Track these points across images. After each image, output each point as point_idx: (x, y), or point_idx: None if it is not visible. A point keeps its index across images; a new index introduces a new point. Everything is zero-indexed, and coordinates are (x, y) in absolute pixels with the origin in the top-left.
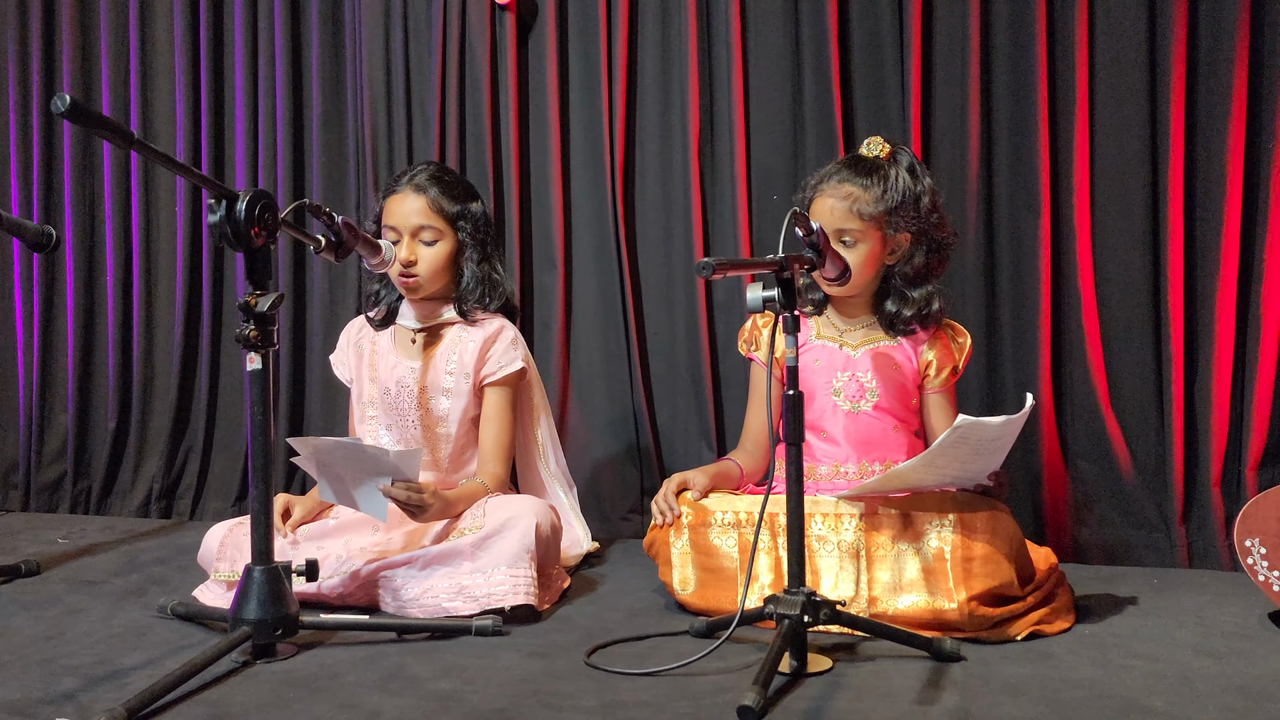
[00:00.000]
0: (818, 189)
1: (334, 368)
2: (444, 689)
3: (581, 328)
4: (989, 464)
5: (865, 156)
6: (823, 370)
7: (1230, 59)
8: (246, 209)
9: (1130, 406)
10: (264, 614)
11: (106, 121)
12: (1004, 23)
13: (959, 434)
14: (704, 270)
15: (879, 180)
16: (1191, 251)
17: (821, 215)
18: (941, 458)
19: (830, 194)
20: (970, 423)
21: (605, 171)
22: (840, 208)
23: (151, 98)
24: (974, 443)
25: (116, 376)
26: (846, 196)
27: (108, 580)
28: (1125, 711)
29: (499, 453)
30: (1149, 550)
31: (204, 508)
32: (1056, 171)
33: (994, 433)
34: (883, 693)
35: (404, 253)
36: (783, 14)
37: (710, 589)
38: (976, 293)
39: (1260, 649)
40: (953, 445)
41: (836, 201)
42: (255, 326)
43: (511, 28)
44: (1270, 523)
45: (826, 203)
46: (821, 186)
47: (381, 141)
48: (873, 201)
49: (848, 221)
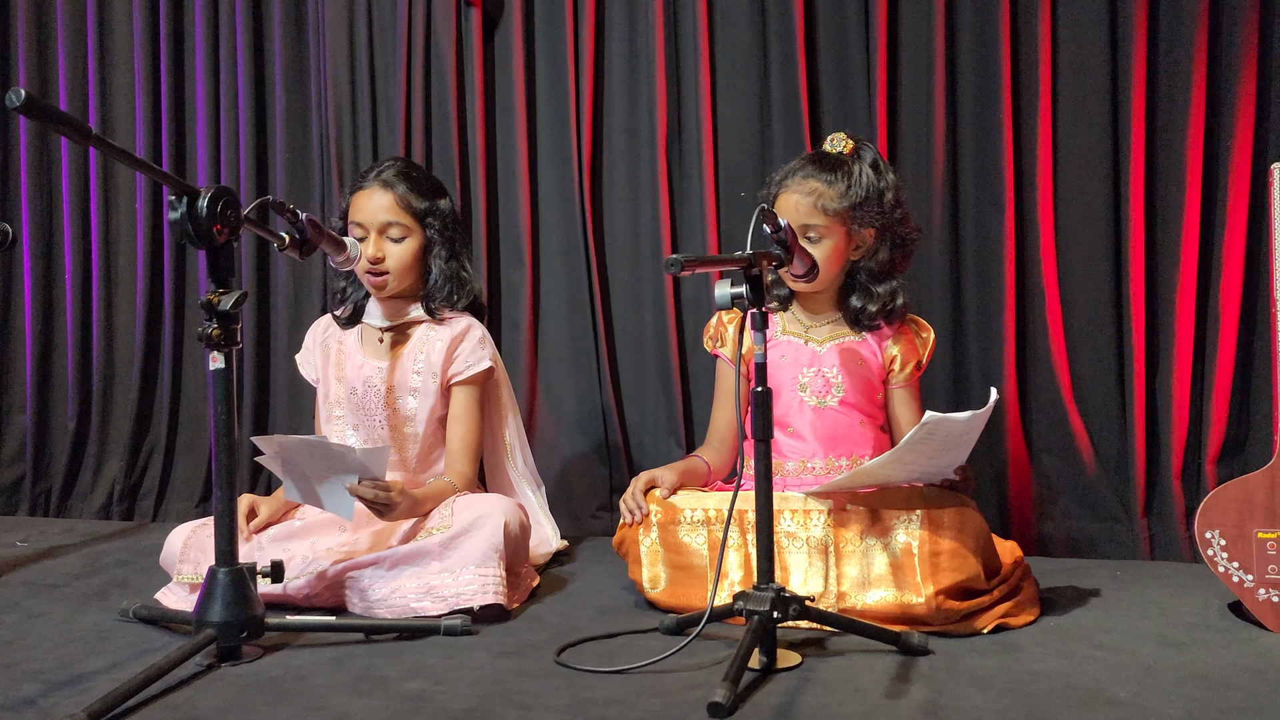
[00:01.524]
0: (782, 185)
1: (300, 367)
2: (413, 689)
3: (550, 325)
4: (955, 459)
5: (829, 153)
6: (789, 366)
7: (1189, 60)
8: (208, 206)
9: (1093, 401)
10: (229, 616)
11: (63, 116)
12: (968, 22)
13: (926, 430)
14: (672, 267)
15: (843, 176)
16: (1152, 248)
17: (787, 211)
18: (909, 454)
19: (795, 190)
20: (937, 419)
21: (573, 169)
22: (805, 204)
23: (110, 92)
24: (941, 438)
25: (76, 376)
26: (811, 192)
27: (68, 583)
28: (1090, 702)
29: (466, 452)
30: (1112, 543)
31: (167, 509)
32: (1020, 169)
33: (960, 428)
34: (852, 687)
35: (371, 250)
36: (749, 11)
37: (680, 586)
38: (942, 289)
39: (1220, 639)
40: (920, 441)
41: (801, 197)
42: (218, 325)
43: (477, 24)
44: (1229, 515)
45: (791, 199)
46: (786, 183)
47: (346, 137)
48: (837, 197)
49: (812, 217)
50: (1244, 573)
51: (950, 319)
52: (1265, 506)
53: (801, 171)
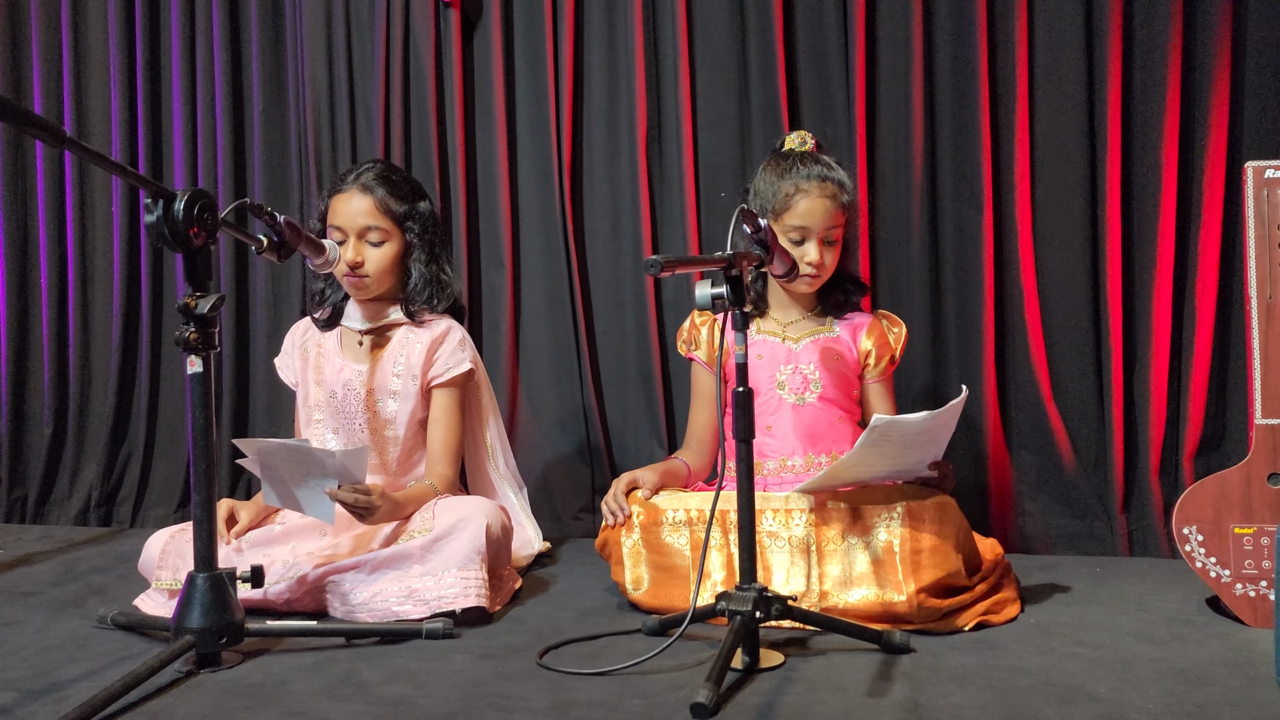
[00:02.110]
0: (797, 188)
1: (279, 371)
2: (394, 694)
3: (530, 327)
4: (925, 455)
5: (807, 152)
6: (765, 365)
7: (1164, 60)
8: (185, 209)
9: (1072, 398)
10: (208, 622)
11: (36, 119)
12: (946, 24)
13: (878, 433)
14: (652, 268)
15: (837, 171)
16: (1129, 247)
17: (814, 215)
18: (870, 454)
19: (816, 193)
20: (887, 422)
21: (553, 169)
22: (832, 206)
23: (85, 95)
24: (898, 439)
25: (52, 381)
26: (833, 195)
27: (45, 591)
28: (1070, 698)
29: (447, 454)
30: (1091, 539)
31: (145, 515)
32: (998, 169)
33: (917, 427)
34: (834, 686)
35: (350, 254)
36: (728, 11)
37: (662, 587)
38: (922, 287)
39: (1198, 634)
40: (874, 445)
41: (828, 201)
42: (196, 329)
43: (456, 24)
44: (1206, 510)
45: (818, 203)
46: (801, 186)
47: (324, 139)
48: (849, 191)
49: (838, 218)
50: (1221, 568)
51: (930, 317)
52: (1241, 502)
53: (808, 172)
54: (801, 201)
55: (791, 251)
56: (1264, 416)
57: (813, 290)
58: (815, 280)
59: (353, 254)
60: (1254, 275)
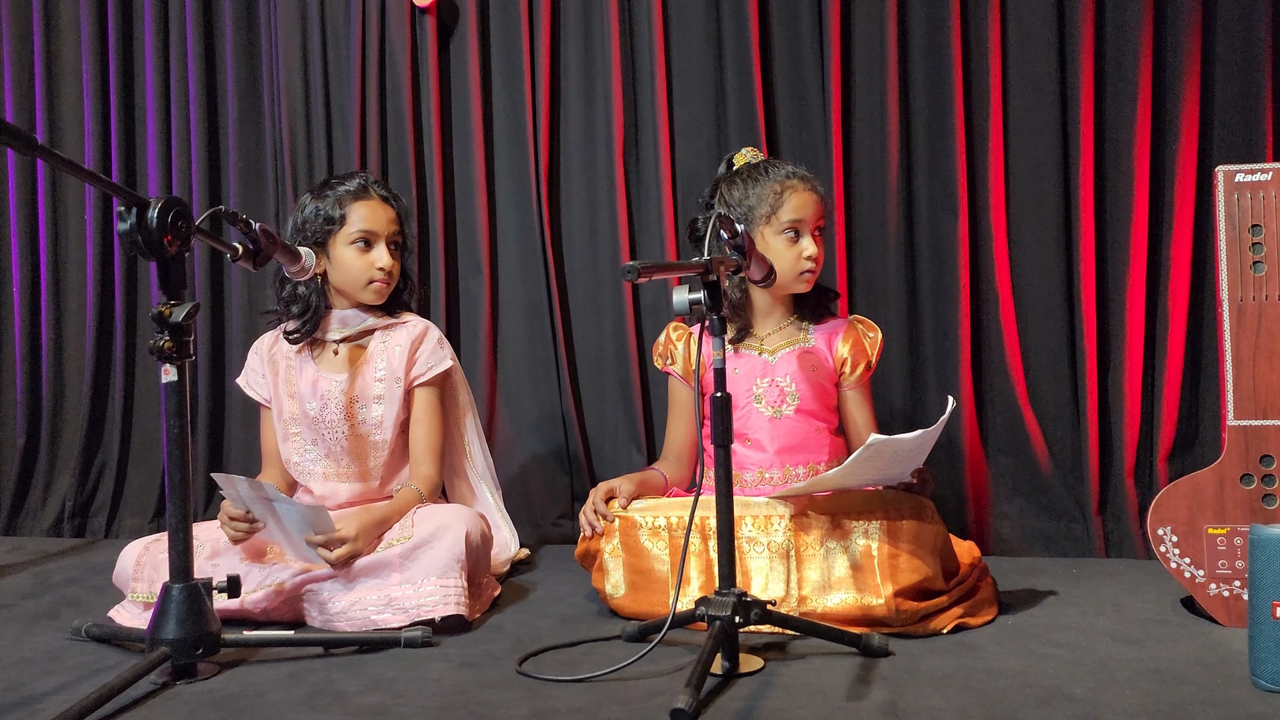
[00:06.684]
0: (784, 185)
1: (246, 389)
2: (372, 703)
3: (508, 333)
4: (910, 465)
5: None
6: (743, 378)
7: (1135, 65)
8: (158, 217)
9: (1047, 401)
10: (183, 633)
11: (7, 126)
12: (921, 30)
13: (872, 450)
14: (629, 274)
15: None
16: (1102, 251)
17: (807, 208)
18: (860, 467)
19: (802, 188)
20: (881, 440)
21: (530, 175)
22: (816, 199)
23: (58, 102)
24: (889, 455)
25: (25, 391)
26: (814, 189)
27: (18, 603)
28: (1047, 699)
29: (430, 453)
30: (1067, 541)
31: (119, 525)
32: (973, 174)
33: (909, 445)
34: (813, 690)
35: (387, 259)
36: (704, 18)
37: (641, 593)
38: (898, 292)
39: (1174, 634)
40: (868, 460)
41: (812, 194)
42: (170, 337)
43: (432, 31)
44: (1180, 511)
45: (807, 195)
46: (787, 184)
47: (300, 146)
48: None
49: (821, 211)
50: (1195, 568)
51: (906, 322)
52: (1214, 503)
53: (782, 172)
54: (792, 196)
55: (788, 251)
56: (1236, 418)
57: (810, 287)
58: (814, 276)
59: (389, 259)
60: (1225, 278)
